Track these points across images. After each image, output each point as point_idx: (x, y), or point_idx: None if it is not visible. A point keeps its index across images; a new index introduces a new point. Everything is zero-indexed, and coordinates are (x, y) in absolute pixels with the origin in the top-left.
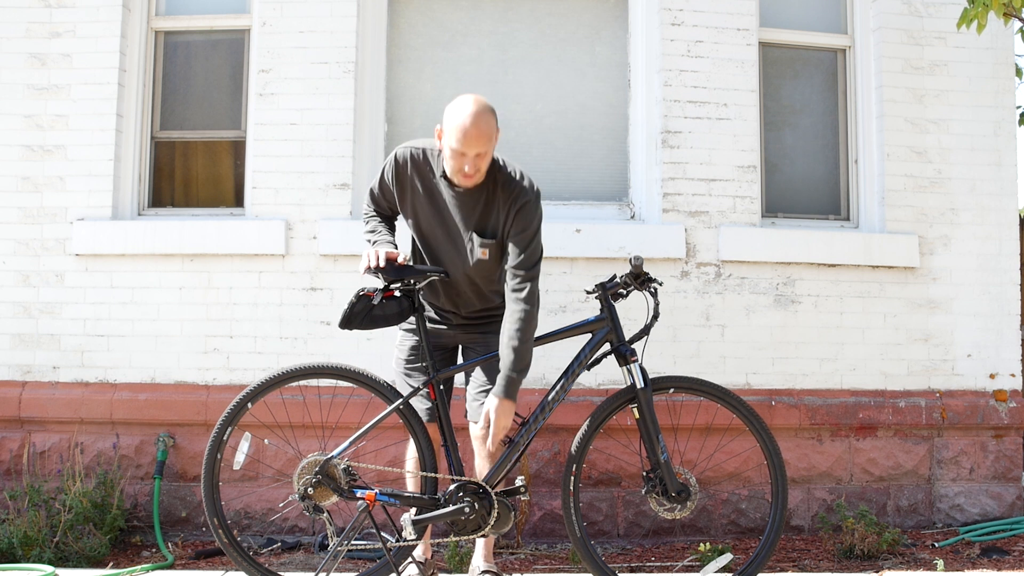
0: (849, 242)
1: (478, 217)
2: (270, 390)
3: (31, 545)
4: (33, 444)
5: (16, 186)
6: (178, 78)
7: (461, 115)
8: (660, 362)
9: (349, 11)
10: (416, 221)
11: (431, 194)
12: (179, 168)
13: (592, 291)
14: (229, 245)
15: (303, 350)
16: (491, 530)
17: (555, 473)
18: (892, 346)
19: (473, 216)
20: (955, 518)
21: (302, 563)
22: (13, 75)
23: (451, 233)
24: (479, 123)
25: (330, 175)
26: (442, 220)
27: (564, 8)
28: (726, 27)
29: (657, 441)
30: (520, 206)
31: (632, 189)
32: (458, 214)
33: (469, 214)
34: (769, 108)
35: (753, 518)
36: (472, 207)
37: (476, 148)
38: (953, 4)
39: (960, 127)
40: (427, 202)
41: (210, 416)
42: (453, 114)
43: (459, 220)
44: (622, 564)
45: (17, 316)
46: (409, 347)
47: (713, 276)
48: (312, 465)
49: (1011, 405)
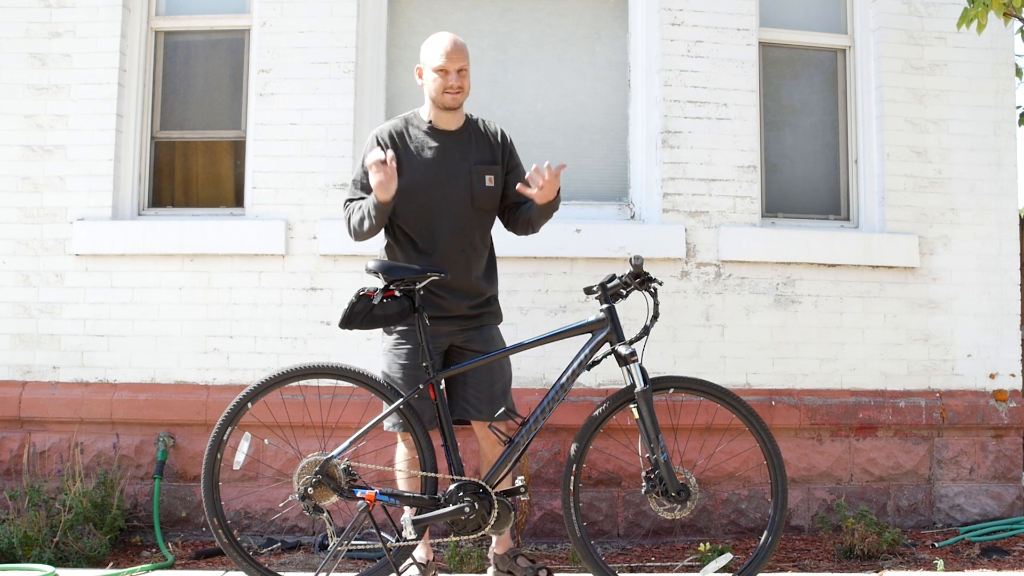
0: (849, 242)
1: (475, 150)
2: (270, 390)
3: (31, 545)
4: (33, 444)
5: (16, 186)
6: (178, 78)
7: (439, 39)
8: (660, 362)
9: (349, 11)
10: (413, 178)
11: (423, 147)
12: (179, 168)
13: (592, 291)
14: (229, 245)
15: (303, 350)
16: (491, 530)
17: (555, 473)
18: (892, 346)
19: (470, 149)
20: (955, 518)
21: (302, 563)
22: (13, 75)
23: (453, 173)
24: (456, 42)
25: (330, 175)
26: (441, 164)
27: (564, 8)
28: (726, 27)
29: (657, 441)
30: (510, 140)
31: (632, 189)
32: (456, 152)
33: (466, 149)
34: (769, 108)
35: (753, 518)
36: (466, 144)
37: (458, 63)
38: (953, 4)
39: (960, 127)
40: (421, 155)
41: (210, 416)
42: (430, 42)
43: (458, 158)
44: (622, 564)
45: (17, 316)
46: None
47: (713, 276)
48: (312, 465)
49: (1011, 405)
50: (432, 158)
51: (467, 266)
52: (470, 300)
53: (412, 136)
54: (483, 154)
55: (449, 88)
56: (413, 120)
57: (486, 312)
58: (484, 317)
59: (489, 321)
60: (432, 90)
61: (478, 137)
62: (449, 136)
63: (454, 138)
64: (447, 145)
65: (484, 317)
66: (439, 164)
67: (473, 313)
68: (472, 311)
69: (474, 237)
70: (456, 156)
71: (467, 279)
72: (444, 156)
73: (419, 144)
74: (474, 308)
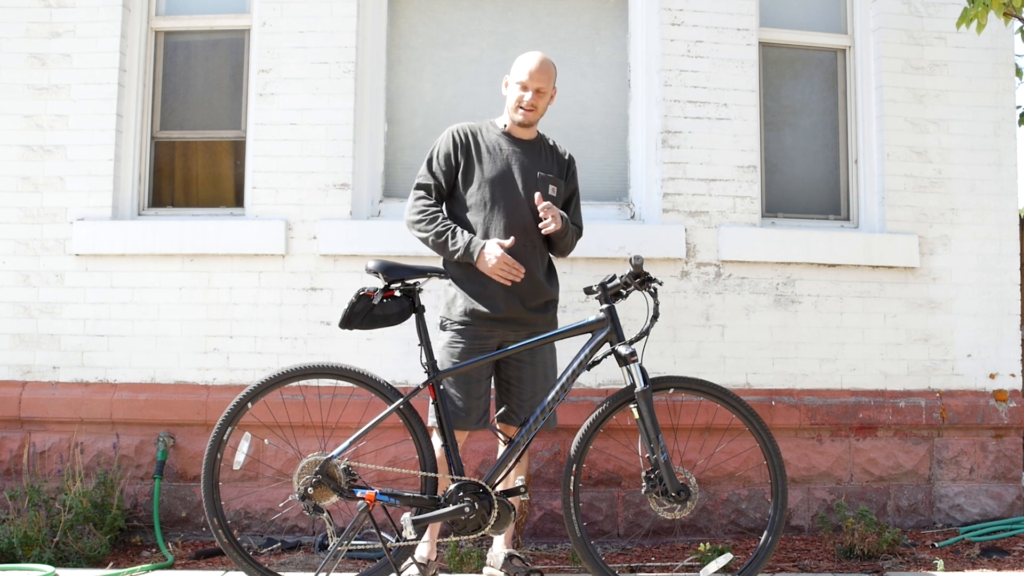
0: (849, 242)
1: (543, 161)
2: (270, 390)
3: (31, 545)
4: (33, 444)
5: (16, 186)
6: (178, 78)
7: (529, 57)
8: (660, 362)
9: (349, 11)
10: (481, 178)
11: (497, 149)
12: (179, 168)
13: (592, 291)
14: (229, 245)
15: (303, 350)
16: (491, 530)
17: (555, 473)
18: (892, 346)
19: (539, 159)
20: (955, 518)
21: (302, 563)
22: (13, 75)
23: (523, 176)
24: (544, 64)
25: (330, 175)
26: (510, 164)
27: (564, 8)
28: (726, 27)
29: (657, 441)
30: (575, 166)
31: (632, 189)
32: (526, 159)
33: (535, 158)
34: (769, 108)
35: (753, 518)
36: (536, 154)
37: (538, 83)
38: (953, 4)
39: (960, 127)
40: (494, 157)
41: (210, 416)
42: (522, 58)
43: (527, 164)
44: (622, 564)
45: (17, 316)
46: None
47: (713, 276)
48: (312, 465)
49: (1011, 405)
50: (503, 158)
51: (527, 263)
52: (532, 299)
53: (485, 137)
54: (551, 166)
55: (523, 104)
56: (488, 125)
57: (542, 319)
58: (539, 323)
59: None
60: (509, 103)
61: (548, 151)
62: (521, 143)
63: (525, 146)
64: (517, 150)
65: (539, 323)
66: (508, 164)
67: (531, 319)
68: (530, 315)
69: (536, 239)
70: (526, 160)
71: (530, 276)
72: (514, 158)
73: (492, 144)
74: (533, 312)
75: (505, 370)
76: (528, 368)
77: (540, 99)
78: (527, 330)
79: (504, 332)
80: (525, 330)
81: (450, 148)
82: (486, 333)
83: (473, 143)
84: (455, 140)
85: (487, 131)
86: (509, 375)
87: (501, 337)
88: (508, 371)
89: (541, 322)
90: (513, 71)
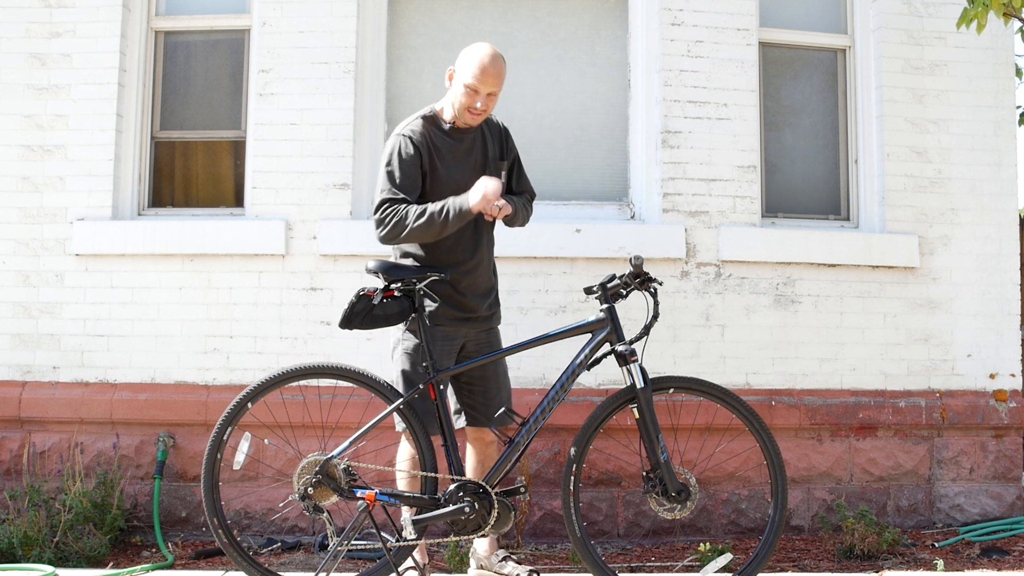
0: (849, 242)
1: (490, 145)
2: (270, 390)
3: (31, 545)
4: (33, 444)
5: (16, 186)
6: (178, 78)
7: (479, 54)
8: (660, 362)
9: (349, 11)
10: (436, 177)
11: (445, 148)
12: (179, 168)
13: (592, 291)
14: (229, 245)
15: (303, 350)
16: (491, 530)
17: (555, 473)
18: (892, 346)
19: (487, 145)
20: (955, 518)
21: (302, 563)
22: (13, 75)
23: (477, 170)
24: (497, 64)
25: (330, 175)
26: (466, 163)
27: (564, 8)
28: (726, 27)
29: (657, 441)
30: (509, 135)
31: (632, 189)
32: (477, 150)
33: (484, 146)
34: (769, 108)
35: (753, 518)
36: (483, 140)
37: (490, 87)
38: (953, 4)
39: (960, 127)
40: (446, 154)
41: (210, 416)
42: (471, 54)
43: (479, 155)
44: (622, 564)
45: (17, 316)
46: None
47: (713, 276)
48: (312, 465)
49: (1011, 405)
50: (458, 157)
51: (488, 261)
52: (488, 297)
53: (438, 135)
54: (496, 149)
55: (473, 109)
56: (434, 120)
57: (495, 313)
58: (494, 319)
59: (495, 323)
60: (457, 103)
61: (489, 131)
62: (468, 134)
63: (472, 135)
64: (468, 143)
65: (494, 319)
66: (464, 162)
67: (488, 313)
68: (487, 311)
69: (491, 231)
70: (478, 153)
71: (487, 274)
72: (468, 155)
73: (444, 144)
74: (489, 308)
75: (468, 372)
76: (491, 366)
77: (491, 101)
78: (486, 324)
79: (467, 331)
80: (485, 324)
81: (412, 151)
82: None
83: (431, 137)
84: (414, 143)
85: (434, 130)
86: (472, 375)
87: (465, 338)
88: (471, 372)
89: (495, 315)
90: (462, 68)
